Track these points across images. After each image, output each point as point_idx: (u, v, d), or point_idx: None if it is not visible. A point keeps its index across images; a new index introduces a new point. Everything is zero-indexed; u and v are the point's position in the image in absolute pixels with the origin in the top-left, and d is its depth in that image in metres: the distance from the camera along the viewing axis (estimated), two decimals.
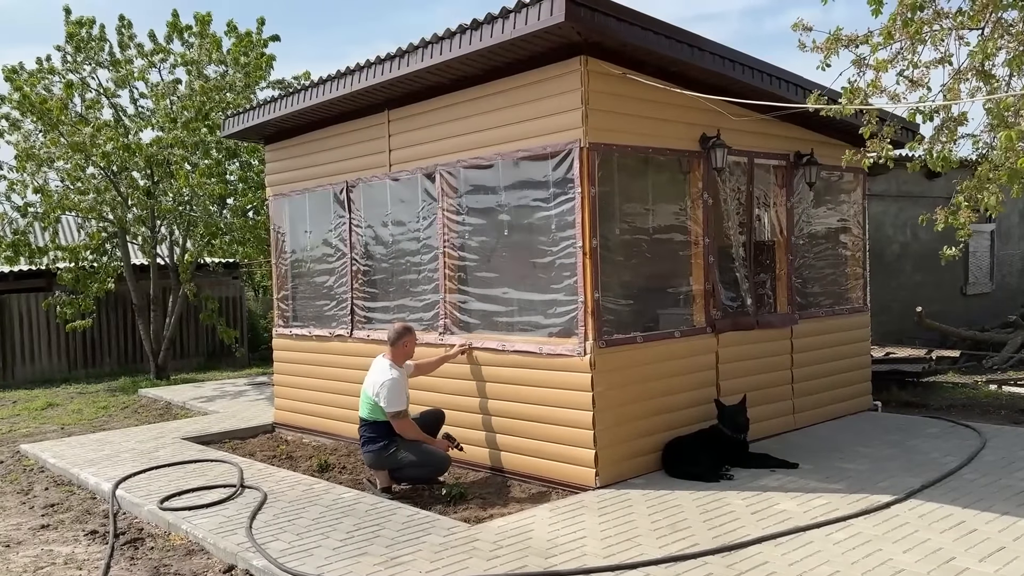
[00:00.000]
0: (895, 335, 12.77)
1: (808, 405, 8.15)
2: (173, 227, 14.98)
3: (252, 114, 9.08)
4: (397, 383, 6.48)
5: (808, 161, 8.02)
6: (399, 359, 6.68)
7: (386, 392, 6.43)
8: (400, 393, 6.48)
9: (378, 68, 7.17)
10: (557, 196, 6.43)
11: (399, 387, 6.48)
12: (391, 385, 6.45)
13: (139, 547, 5.71)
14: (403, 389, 6.53)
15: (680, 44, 6.35)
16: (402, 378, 6.57)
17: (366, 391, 6.62)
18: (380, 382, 6.49)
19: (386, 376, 6.49)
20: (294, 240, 9.44)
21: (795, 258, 8.08)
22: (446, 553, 5.00)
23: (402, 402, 6.47)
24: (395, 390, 6.45)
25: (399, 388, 6.48)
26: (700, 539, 5.05)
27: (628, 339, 6.50)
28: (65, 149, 13.32)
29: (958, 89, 5.92)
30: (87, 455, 8.30)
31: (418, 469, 6.61)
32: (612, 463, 6.32)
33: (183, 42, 14.82)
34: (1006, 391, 10.35)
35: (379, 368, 6.63)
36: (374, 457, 6.54)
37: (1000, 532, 4.99)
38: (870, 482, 6.12)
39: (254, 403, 11.38)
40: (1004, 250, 15.92)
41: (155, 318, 14.98)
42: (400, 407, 6.45)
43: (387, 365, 6.59)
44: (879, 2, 5.67)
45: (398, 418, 6.46)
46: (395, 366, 6.60)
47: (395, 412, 6.45)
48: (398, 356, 6.68)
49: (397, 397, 6.45)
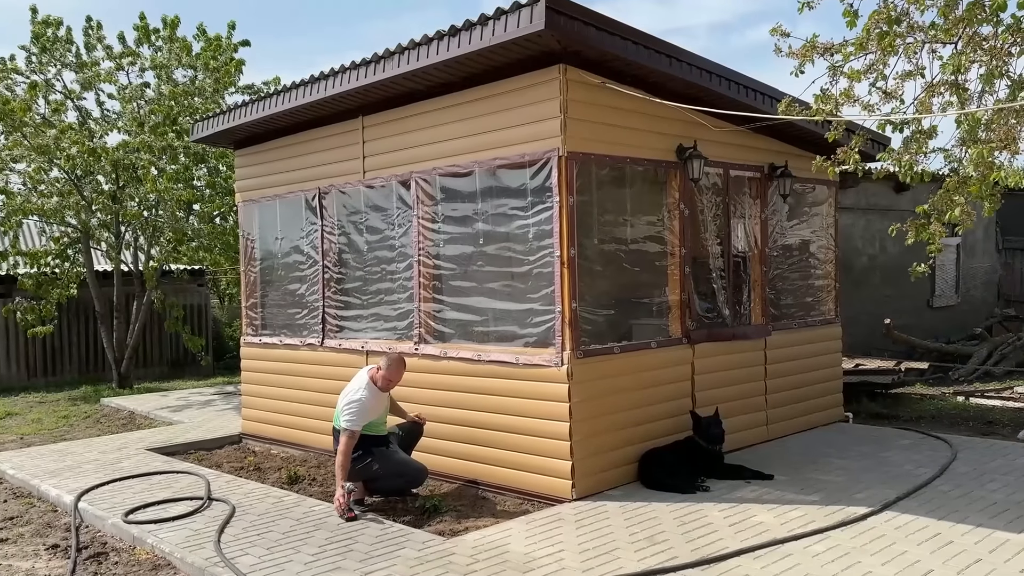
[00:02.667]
0: (863, 347, 12.89)
1: (782, 416, 8.17)
2: (138, 233, 14.70)
3: (223, 118, 8.92)
4: (364, 404, 6.25)
5: (782, 173, 8.07)
6: (384, 383, 6.46)
7: (351, 408, 6.21)
8: (363, 415, 6.24)
9: (353, 73, 7.07)
10: (535, 205, 6.38)
11: (365, 408, 6.25)
12: (360, 403, 6.23)
13: (103, 562, 5.53)
14: (368, 412, 6.29)
15: (659, 55, 6.34)
16: (374, 400, 6.35)
17: (340, 401, 6.48)
18: (351, 397, 6.30)
19: (359, 394, 6.29)
20: (264, 247, 9.29)
21: (769, 270, 8.11)
22: (421, 568, 4.89)
23: (358, 424, 6.21)
24: (361, 410, 6.22)
25: (364, 409, 6.24)
26: (679, 552, 5.00)
27: (605, 349, 6.46)
28: (28, 151, 13.01)
29: (930, 102, 5.98)
30: (48, 466, 8.06)
31: (393, 480, 6.48)
32: (589, 475, 6.27)
33: (151, 45, 14.59)
34: (973, 402, 10.48)
35: (358, 381, 6.46)
36: (350, 468, 6.40)
37: (976, 544, 5.01)
38: (845, 494, 6.13)
39: (221, 413, 11.16)
40: (970, 264, 16.19)
41: (118, 326, 14.66)
42: (354, 428, 6.20)
43: (366, 381, 6.39)
44: (854, 15, 5.72)
45: (345, 436, 6.17)
46: (373, 386, 6.40)
47: (347, 430, 6.17)
48: (384, 380, 6.46)
49: (358, 416, 6.21)
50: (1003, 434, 8.59)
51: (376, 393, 6.39)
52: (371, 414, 6.32)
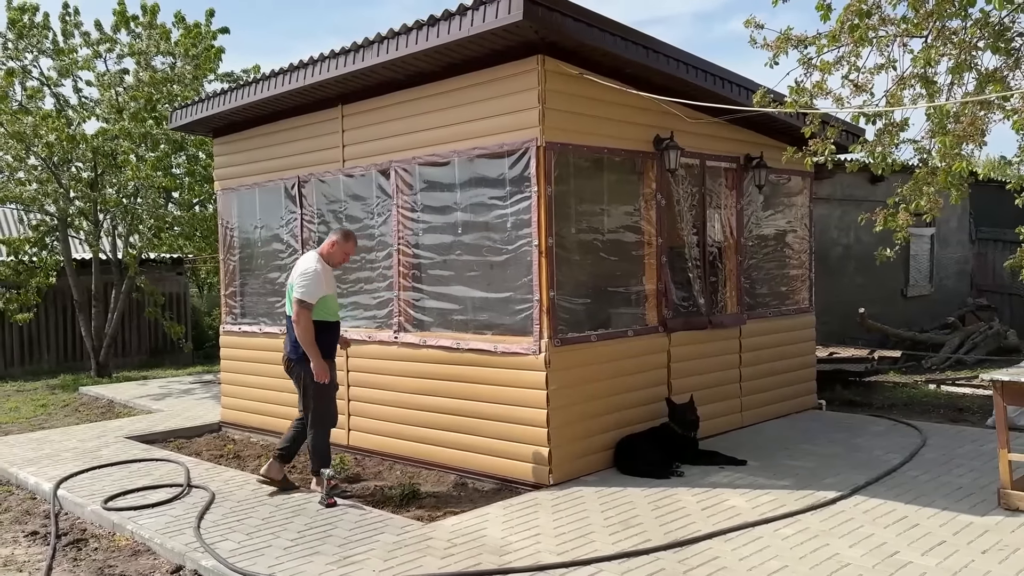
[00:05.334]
0: (838, 335, 13.07)
1: (755, 403, 8.30)
2: (117, 220, 14.62)
3: (201, 106, 8.90)
4: (319, 275, 6.21)
5: (757, 164, 8.17)
6: (341, 256, 6.50)
7: (306, 278, 6.16)
8: (318, 286, 6.19)
9: (332, 62, 7.09)
10: (513, 194, 6.44)
11: (319, 280, 6.21)
12: (314, 273, 6.19)
13: (82, 548, 5.56)
14: (322, 284, 6.24)
15: (636, 46, 6.41)
16: (325, 274, 6.31)
17: (291, 280, 6.36)
18: (303, 269, 6.24)
19: (312, 266, 6.24)
20: (243, 235, 9.29)
21: (744, 259, 8.22)
22: (400, 552, 4.97)
23: (312, 296, 6.14)
24: (316, 281, 6.18)
25: (319, 281, 6.21)
26: (652, 535, 5.10)
27: (582, 338, 6.54)
28: (5, 139, 12.89)
29: (901, 95, 6.10)
30: (26, 454, 8.06)
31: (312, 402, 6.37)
32: (566, 461, 6.36)
33: (129, 32, 14.47)
34: (944, 390, 10.68)
35: (306, 259, 6.38)
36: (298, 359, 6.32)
37: (941, 527, 5.15)
38: (816, 479, 6.26)
39: (200, 401, 11.16)
40: (943, 254, 16.42)
41: (96, 314, 14.58)
42: (308, 299, 6.12)
43: (315, 258, 6.35)
44: (827, 8, 5.81)
45: (302, 307, 6.12)
46: (324, 262, 6.35)
47: (303, 300, 6.12)
48: (341, 253, 6.49)
49: (313, 286, 6.16)
50: (972, 421, 8.76)
51: (327, 268, 6.39)
52: (325, 287, 6.29)
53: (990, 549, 4.75)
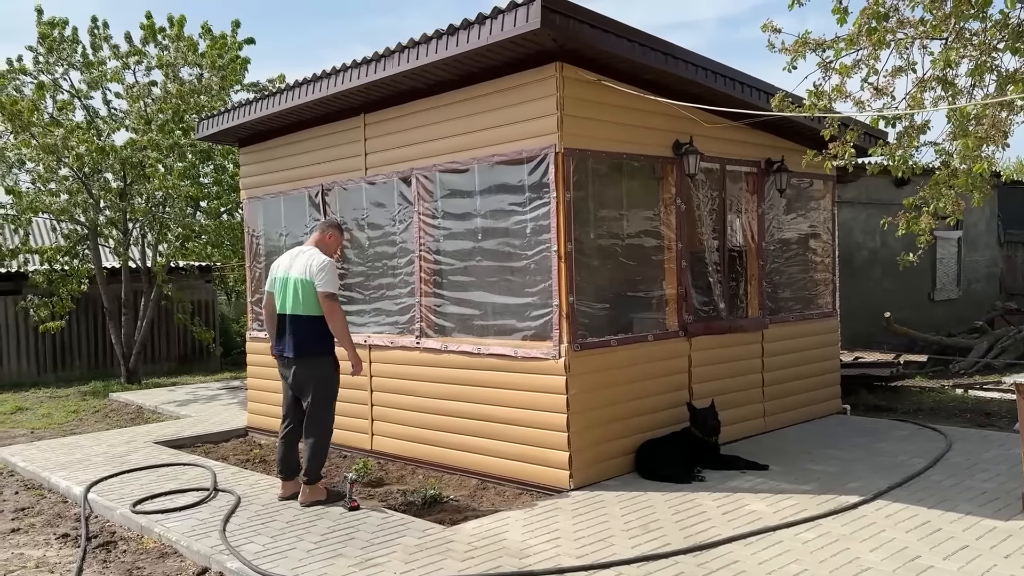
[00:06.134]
0: (864, 340, 12.97)
1: (778, 408, 8.27)
2: (145, 229, 14.87)
3: (227, 116, 9.06)
4: (335, 266, 6.20)
5: (779, 168, 8.16)
6: (338, 246, 6.53)
7: (324, 271, 6.06)
8: (336, 276, 6.19)
9: (354, 72, 7.19)
10: (532, 200, 6.49)
11: (336, 270, 6.23)
12: (331, 263, 6.14)
13: (111, 550, 5.67)
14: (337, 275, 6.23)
15: (654, 52, 6.44)
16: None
17: (295, 276, 6.17)
18: (318, 262, 6.10)
19: (323, 258, 6.14)
20: (269, 243, 9.42)
21: (766, 263, 8.21)
22: (421, 554, 5.02)
23: (336, 286, 6.12)
24: (335, 270, 6.17)
25: (336, 270, 6.22)
26: (672, 539, 5.12)
27: (602, 342, 6.57)
28: (37, 151, 13.18)
29: (921, 97, 6.07)
30: (58, 459, 8.22)
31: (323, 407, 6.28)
32: (586, 465, 6.38)
33: (157, 44, 14.73)
34: (972, 395, 10.56)
35: (309, 255, 6.23)
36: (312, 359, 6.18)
37: (964, 531, 5.11)
38: (839, 483, 6.23)
39: (227, 407, 11.31)
40: (971, 257, 16.23)
41: (126, 321, 14.83)
42: (335, 290, 6.10)
43: (317, 251, 6.26)
44: (844, 12, 5.81)
45: (333, 300, 6.07)
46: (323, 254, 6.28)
47: (332, 293, 6.06)
48: (337, 243, 6.52)
49: (334, 276, 6.13)
50: (1000, 426, 8.67)
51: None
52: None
53: (1013, 553, 4.71)
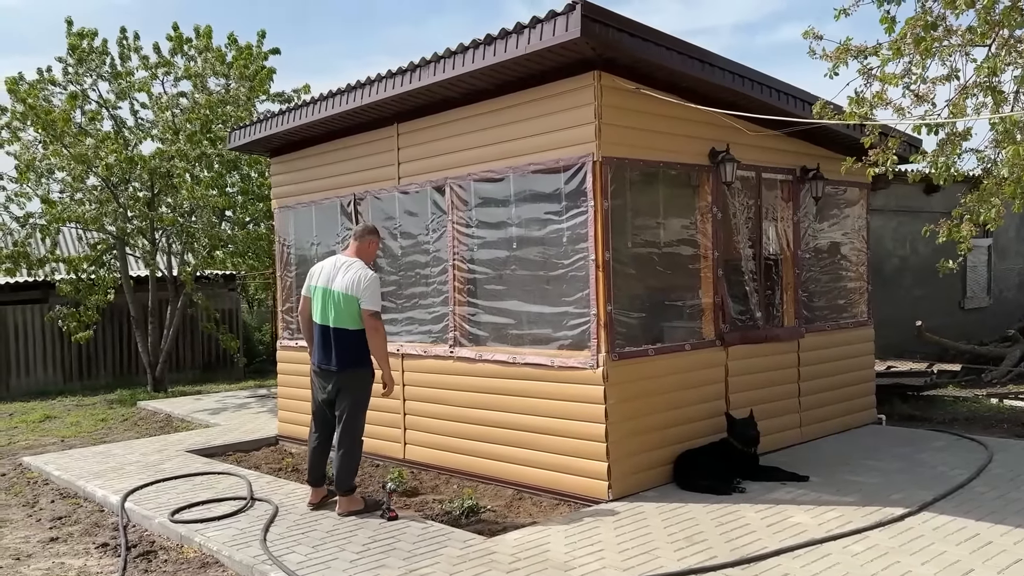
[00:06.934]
0: (895, 349, 12.84)
1: (815, 418, 8.18)
2: (172, 239, 14.97)
3: (259, 127, 9.09)
4: (379, 282, 6.13)
5: (814, 176, 8.10)
6: (368, 259, 6.35)
7: (371, 286, 5.98)
8: (379, 294, 6.09)
9: (389, 82, 7.20)
10: (569, 209, 6.46)
11: (379, 287, 6.14)
12: (376, 278, 6.08)
13: (152, 560, 5.67)
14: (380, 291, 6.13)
15: (692, 60, 6.41)
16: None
17: (339, 290, 6.06)
18: (364, 276, 5.99)
19: (368, 272, 6.03)
20: (300, 252, 9.43)
21: (801, 272, 8.14)
22: (464, 566, 4.99)
23: (380, 303, 6.05)
24: (378, 290, 6.09)
25: (379, 288, 6.13)
26: (718, 552, 5.06)
27: (640, 352, 6.52)
28: (67, 160, 13.30)
29: (963, 104, 6.01)
30: (91, 467, 8.25)
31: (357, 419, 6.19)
32: (624, 476, 6.33)
33: (184, 55, 14.84)
34: (1007, 404, 10.41)
35: (352, 265, 6.10)
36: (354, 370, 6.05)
37: (1015, 544, 5.02)
38: (881, 495, 6.14)
39: (256, 416, 11.33)
40: (1002, 265, 16.05)
41: (152, 330, 14.92)
42: (380, 308, 6.02)
43: (360, 263, 6.13)
44: (892, 21, 5.76)
45: (377, 319, 5.99)
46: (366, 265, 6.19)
47: (376, 312, 5.97)
48: (375, 250, 6.45)
49: (379, 297, 6.07)
50: None
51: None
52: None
53: None
